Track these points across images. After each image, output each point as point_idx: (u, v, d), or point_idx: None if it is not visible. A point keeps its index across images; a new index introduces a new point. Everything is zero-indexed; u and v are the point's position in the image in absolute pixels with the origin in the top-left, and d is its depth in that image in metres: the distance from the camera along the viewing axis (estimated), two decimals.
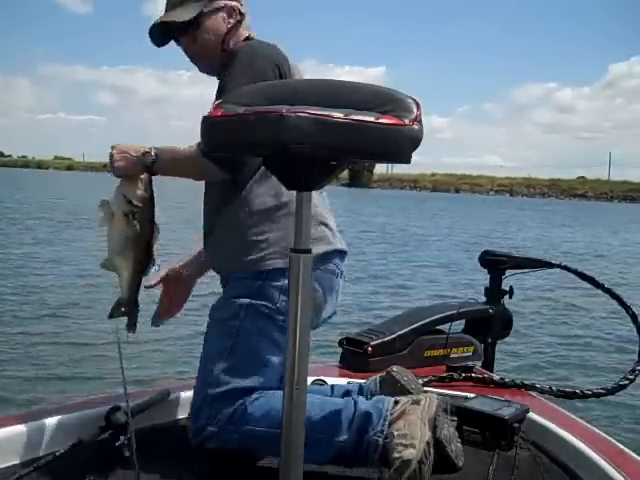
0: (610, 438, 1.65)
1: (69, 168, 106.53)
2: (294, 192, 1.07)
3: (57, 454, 1.40)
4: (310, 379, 1.84)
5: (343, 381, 1.96)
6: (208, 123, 1.07)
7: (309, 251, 1.07)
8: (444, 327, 2.34)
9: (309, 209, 1.07)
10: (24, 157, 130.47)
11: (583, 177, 77.54)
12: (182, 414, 1.75)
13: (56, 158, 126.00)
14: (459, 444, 1.55)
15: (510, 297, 2.50)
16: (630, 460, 1.50)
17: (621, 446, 1.59)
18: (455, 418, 1.75)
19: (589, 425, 1.74)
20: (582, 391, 2.08)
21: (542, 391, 2.03)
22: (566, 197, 66.07)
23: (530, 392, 2.01)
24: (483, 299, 2.51)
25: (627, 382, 2.09)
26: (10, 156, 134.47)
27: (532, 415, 1.73)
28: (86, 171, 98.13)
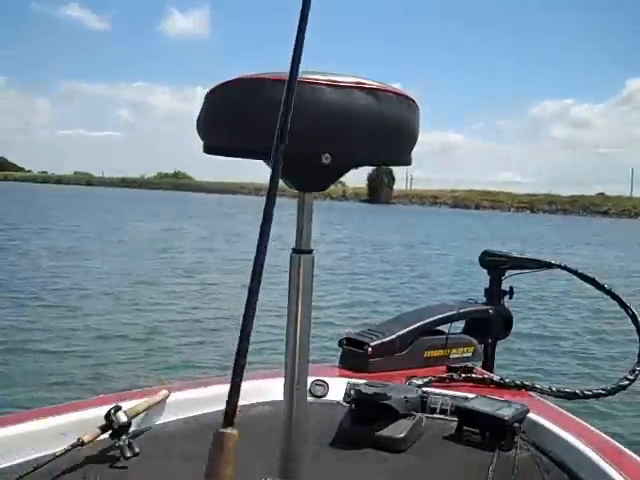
0: (610, 438, 1.65)
1: (88, 183, 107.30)
2: None
3: (57, 454, 1.40)
4: (310, 379, 1.84)
5: (343, 381, 1.96)
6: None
7: (310, 251, 1.07)
8: (444, 327, 2.34)
9: (311, 210, 1.07)
10: (44, 172, 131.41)
11: (603, 193, 77.06)
12: (182, 414, 1.75)
13: (76, 173, 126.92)
14: None
15: (510, 297, 2.50)
16: (630, 460, 1.50)
17: (621, 446, 1.59)
18: (455, 418, 1.75)
19: (589, 425, 1.74)
20: (582, 391, 2.07)
21: (542, 391, 2.03)
22: (588, 214, 65.53)
23: (530, 392, 2.01)
24: (483, 299, 2.51)
25: (627, 382, 2.09)
26: (30, 171, 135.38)
27: (532, 415, 1.73)
28: (105, 187, 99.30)
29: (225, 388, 2.00)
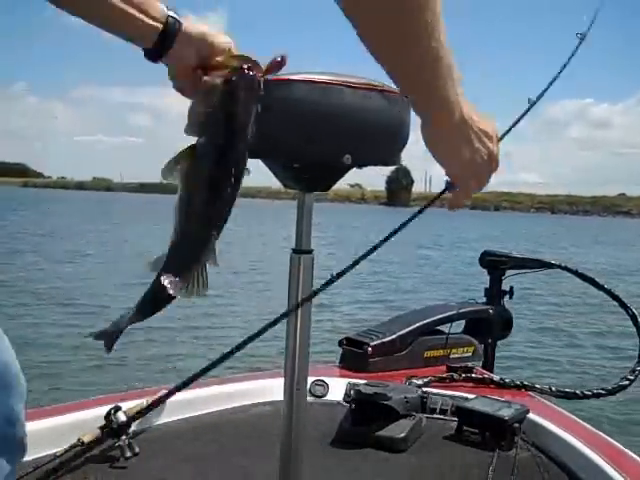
0: (610, 438, 1.65)
1: (107, 189, 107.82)
2: None
3: (57, 454, 1.40)
4: (310, 379, 1.84)
5: (343, 381, 1.96)
6: None
7: (310, 251, 1.07)
8: (444, 327, 2.33)
9: (311, 210, 1.07)
10: (63, 178, 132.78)
11: (624, 194, 77.18)
12: (182, 414, 1.75)
13: (94, 179, 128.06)
14: None
15: (510, 297, 2.50)
16: (630, 460, 1.50)
17: (621, 446, 1.59)
18: (455, 419, 1.75)
19: (589, 425, 1.74)
20: (582, 391, 2.07)
21: (542, 391, 2.03)
22: (609, 214, 65.35)
23: (530, 392, 2.01)
24: (483, 299, 2.51)
25: (627, 382, 2.09)
26: (50, 177, 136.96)
27: (532, 415, 1.73)
28: (124, 192, 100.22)
29: (225, 388, 2.02)
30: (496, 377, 2.07)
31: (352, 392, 1.79)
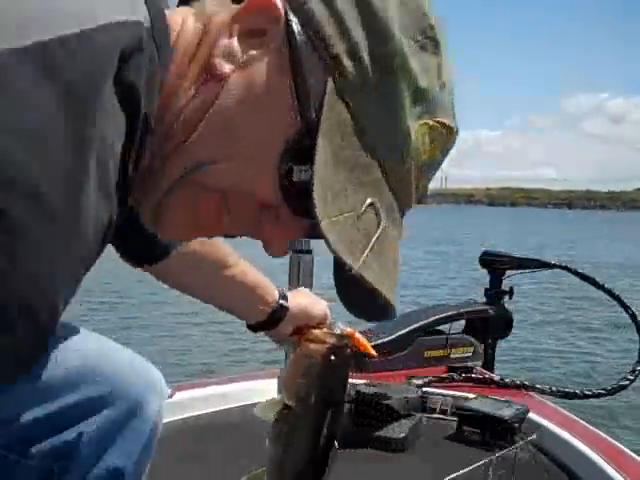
0: (610, 438, 1.65)
1: None
2: None
3: None
4: None
5: None
6: None
7: (309, 251, 1.07)
8: (444, 327, 2.34)
9: None
10: None
11: None
12: (182, 414, 1.75)
13: None
14: None
15: (510, 297, 2.50)
16: (630, 460, 1.50)
17: (621, 446, 1.59)
18: (455, 419, 1.75)
19: (589, 425, 1.74)
20: (582, 391, 2.08)
21: (542, 391, 2.03)
22: (627, 209, 65.83)
23: (530, 392, 2.01)
24: (483, 299, 2.51)
25: (627, 382, 2.09)
26: None
27: (532, 415, 1.73)
28: None
29: (225, 388, 2.02)
30: (496, 377, 2.07)
31: (352, 392, 1.79)
